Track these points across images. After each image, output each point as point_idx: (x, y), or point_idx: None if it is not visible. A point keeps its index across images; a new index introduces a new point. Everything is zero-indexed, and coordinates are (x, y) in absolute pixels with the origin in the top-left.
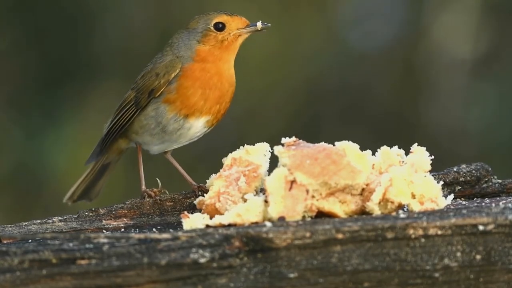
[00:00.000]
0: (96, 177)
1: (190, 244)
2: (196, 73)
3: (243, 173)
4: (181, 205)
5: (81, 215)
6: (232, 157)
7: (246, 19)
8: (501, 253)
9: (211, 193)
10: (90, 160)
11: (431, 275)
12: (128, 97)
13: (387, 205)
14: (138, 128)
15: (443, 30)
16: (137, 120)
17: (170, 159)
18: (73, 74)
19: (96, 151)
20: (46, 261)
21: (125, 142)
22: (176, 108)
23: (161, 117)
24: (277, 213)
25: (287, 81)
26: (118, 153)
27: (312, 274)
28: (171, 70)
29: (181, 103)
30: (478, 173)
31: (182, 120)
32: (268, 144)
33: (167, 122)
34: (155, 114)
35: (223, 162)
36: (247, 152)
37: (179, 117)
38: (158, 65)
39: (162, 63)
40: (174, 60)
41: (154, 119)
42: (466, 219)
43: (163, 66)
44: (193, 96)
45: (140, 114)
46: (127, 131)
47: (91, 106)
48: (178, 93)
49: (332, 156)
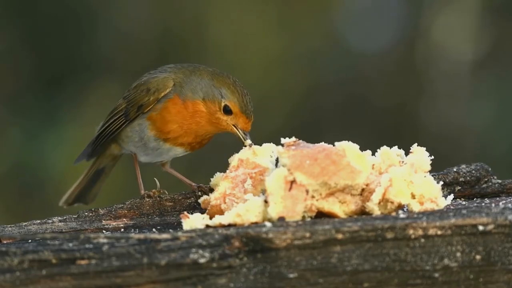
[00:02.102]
0: (91, 181)
1: (190, 244)
2: (183, 107)
3: (249, 176)
4: (181, 205)
5: (81, 215)
6: (239, 158)
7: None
8: (500, 254)
9: (217, 194)
10: (79, 159)
11: (431, 275)
12: (119, 106)
13: (387, 205)
14: (124, 137)
15: (443, 31)
16: (124, 130)
17: (168, 171)
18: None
19: (87, 152)
20: (46, 261)
21: (117, 148)
22: (155, 129)
23: (143, 133)
24: (276, 213)
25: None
26: (111, 158)
27: (311, 275)
28: (161, 89)
29: (159, 126)
30: (478, 173)
31: (161, 142)
32: (274, 145)
33: (148, 139)
34: (138, 129)
35: (230, 162)
36: (254, 153)
37: (158, 138)
38: (152, 80)
39: (155, 79)
40: (168, 79)
41: (138, 134)
42: (466, 219)
43: (155, 82)
44: (170, 124)
45: (128, 125)
46: (116, 138)
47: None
48: (160, 114)
49: (332, 157)
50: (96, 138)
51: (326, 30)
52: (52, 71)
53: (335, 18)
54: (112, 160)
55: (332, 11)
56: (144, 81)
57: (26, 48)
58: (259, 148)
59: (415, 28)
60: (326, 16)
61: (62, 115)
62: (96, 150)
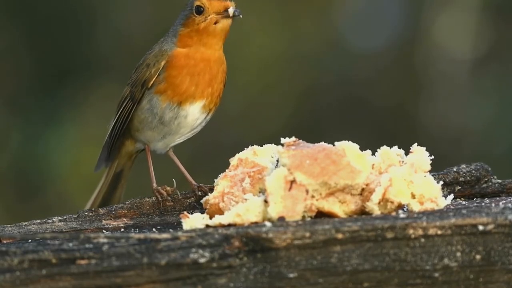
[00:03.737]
0: (112, 185)
1: (189, 244)
2: (181, 60)
3: (248, 174)
4: (181, 205)
5: (81, 215)
6: (239, 157)
7: (231, 3)
8: (501, 253)
9: (216, 193)
10: (99, 166)
11: (431, 275)
12: (125, 93)
13: (387, 205)
14: (138, 124)
15: (443, 31)
16: (135, 116)
17: (172, 157)
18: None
19: (104, 156)
20: (46, 261)
21: (132, 143)
22: (168, 97)
23: (156, 108)
24: (276, 213)
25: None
26: (128, 157)
27: (311, 274)
28: (160, 59)
29: (172, 92)
30: (478, 173)
31: (177, 108)
32: (275, 146)
33: (163, 112)
34: (149, 106)
35: (230, 162)
36: (255, 153)
37: (173, 106)
38: (148, 56)
39: (151, 53)
40: (162, 49)
41: (150, 111)
42: (466, 219)
43: (152, 56)
44: (182, 84)
45: (137, 108)
46: (129, 130)
47: (91, 107)
48: (167, 82)
49: (331, 156)
50: (110, 135)
51: (326, 30)
52: (52, 71)
53: (335, 18)
54: (128, 159)
55: (332, 11)
56: (142, 60)
57: (26, 48)
58: (260, 149)
59: (415, 28)
60: (326, 16)
61: (62, 115)
62: (112, 152)
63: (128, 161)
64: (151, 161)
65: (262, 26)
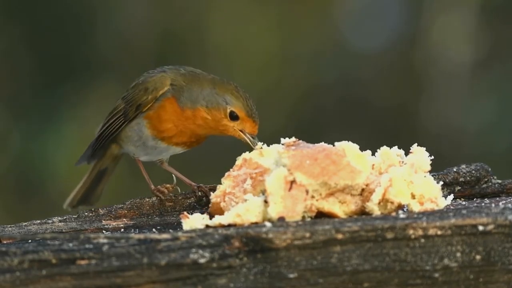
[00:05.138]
0: (94, 182)
1: (189, 245)
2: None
3: (250, 175)
4: (181, 205)
5: (81, 215)
6: (244, 157)
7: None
8: (500, 254)
9: (218, 192)
10: (81, 161)
11: (431, 276)
12: (118, 106)
13: (387, 206)
14: (124, 137)
15: (443, 31)
16: (123, 130)
17: (167, 169)
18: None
19: (87, 154)
20: (46, 262)
21: (117, 148)
22: (152, 128)
23: (142, 132)
24: (276, 213)
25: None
26: (112, 159)
27: (311, 275)
28: (159, 87)
29: (156, 124)
30: (478, 174)
31: (159, 141)
32: (282, 146)
33: (146, 138)
34: (137, 128)
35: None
36: (261, 154)
37: (155, 137)
38: (150, 79)
39: (153, 77)
40: (165, 78)
41: (136, 133)
42: (466, 219)
43: (153, 81)
44: (166, 123)
45: (127, 125)
46: (116, 138)
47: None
48: (156, 112)
49: (331, 157)
50: (96, 140)
51: (326, 30)
52: (52, 71)
53: (335, 18)
54: (113, 160)
55: (332, 11)
56: (142, 81)
57: (26, 48)
58: (267, 149)
59: (415, 28)
60: (326, 16)
61: (62, 115)
62: (97, 152)
63: (113, 162)
64: (143, 167)
65: (262, 26)
